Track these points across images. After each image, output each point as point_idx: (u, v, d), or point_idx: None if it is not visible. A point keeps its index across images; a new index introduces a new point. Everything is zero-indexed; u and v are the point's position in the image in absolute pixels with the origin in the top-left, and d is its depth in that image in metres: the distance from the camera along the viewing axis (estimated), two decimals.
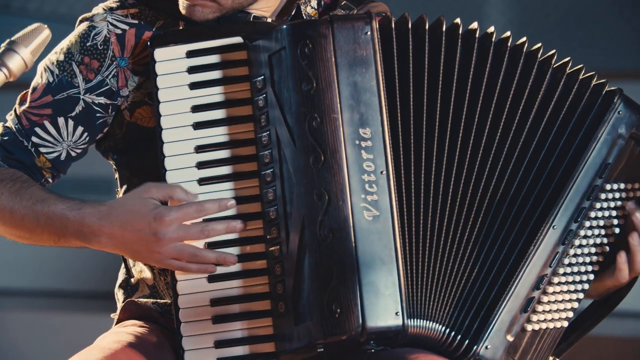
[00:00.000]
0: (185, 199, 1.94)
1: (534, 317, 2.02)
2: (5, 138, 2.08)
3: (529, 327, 2.02)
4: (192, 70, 2.03)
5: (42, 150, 2.08)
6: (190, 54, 2.03)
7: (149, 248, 1.92)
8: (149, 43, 2.03)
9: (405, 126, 1.97)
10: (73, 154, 2.10)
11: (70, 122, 2.07)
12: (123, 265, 2.20)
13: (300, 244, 1.90)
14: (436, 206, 1.98)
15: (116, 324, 2.17)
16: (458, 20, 2.03)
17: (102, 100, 2.07)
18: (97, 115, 2.08)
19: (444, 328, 1.98)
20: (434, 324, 1.96)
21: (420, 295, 1.95)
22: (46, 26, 1.88)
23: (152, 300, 2.12)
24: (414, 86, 1.98)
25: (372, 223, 1.88)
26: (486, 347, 1.98)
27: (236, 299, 1.99)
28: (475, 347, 1.97)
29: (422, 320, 1.95)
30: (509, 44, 2.04)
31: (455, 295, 1.98)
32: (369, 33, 1.93)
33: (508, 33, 2.06)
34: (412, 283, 1.94)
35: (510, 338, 2.00)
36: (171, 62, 2.03)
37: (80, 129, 2.08)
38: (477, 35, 2.03)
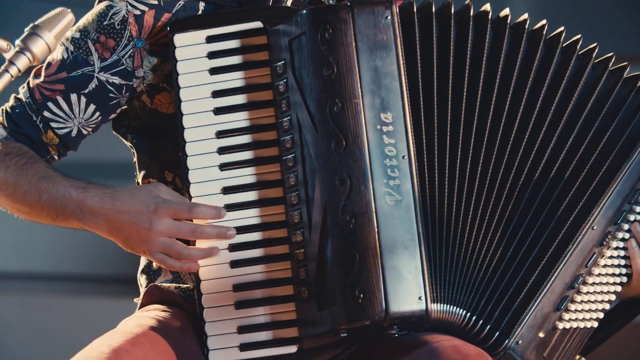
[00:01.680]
0: (186, 216, 1.94)
1: (566, 316, 2.01)
2: (16, 111, 2.08)
3: (560, 325, 2.01)
4: (212, 55, 2.02)
5: (53, 125, 2.07)
6: (210, 39, 2.02)
7: (140, 237, 1.93)
8: (168, 28, 2.02)
9: (428, 110, 1.96)
10: (84, 131, 2.10)
11: (83, 99, 2.07)
12: None
13: (323, 229, 1.90)
14: (462, 191, 1.98)
15: (139, 308, 2.17)
16: (487, 7, 2.02)
17: (116, 79, 2.06)
18: (110, 95, 2.07)
19: (467, 313, 1.97)
20: (458, 308, 1.96)
21: (443, 280, 1.95)
22: (70, 10, 1.87)
23: (174, 285, 2.11)
24: (438, 71, 1.98)
25: (394, 208, 1.87)
26: (517, 342, 1.97)
27: (259, 284, 1.98)
28: (507, 341, 1.97)
29: (445, 305, 1.94)
30: (544, 33, 2.04)
31: (480, 282, 1.98)
32: (389, 17, 1.91)
33: (544, 21, 2.05)
34: (435, 268, 1.93)
35: (541, 335, 1.99)
36: (191, 47, 2.02)
37: (92, 106, 2.08)
38: (508, 22, 2.02)
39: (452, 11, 2.00)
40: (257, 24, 2.02)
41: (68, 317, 4.99)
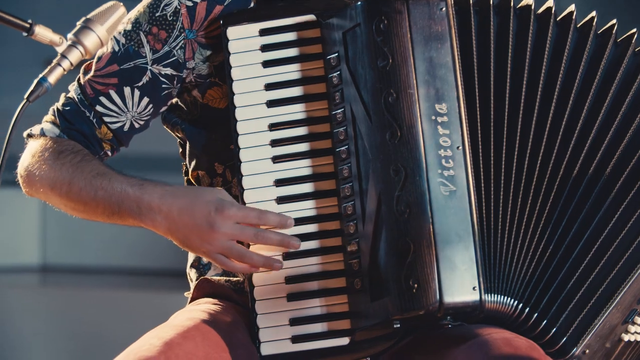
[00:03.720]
0: (254, 222, 1.93)
1: (632, 329, 2.00)
2: (67, 108, 2.07)
3: (625, 338, 2.00)
4: (265, 48, 2.03)
5: (106, 119, 2.07)
6: (264, 32, 2.03)
7: (202, 237, 1.92)
8: (221, 22, 2.03)
9: (484, 102, 1.96)
10: (136, 125, 2.09)
11: (137, 92, 2.06)
12: None
13: (377, 220, 1.90)
14: (519, 183, 1.97)
15: (190, 302, 2.17)
16: (551, 3, 2.02)
17: (168, 71, 2.06)
18: (163, 86, 2.07)
19: (520, 304, 1.96)
20: (511, 299, 1.95)
21: (497, 271, 1.94)
22: (121, 4, 1.89)
23: (225, 278, 2.12)
24: (496, 63, 1.98)
25: (448, 198, 1.87)
26: (584, 352, 1.96)
27: (311, 276, 1.98)
28: (575, 349, 1.96)
29: (499, 296, 1.94)
30: (614, 32, 2.04)
31: (532, 274, 1.97)
32: (443, 9, 1.92)
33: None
34: (488, 258, 1.93)
35: (607, 345, 1.98)
36: (244, 40, 2.03)
37: (145, 99, 2.07)
38: (574, 19, 2.02)
39: (512, 4, 2.00)
40: (311, 17, 2.02)
41: (119, 310, 5.00)
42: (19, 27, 1.80)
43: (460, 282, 1.85)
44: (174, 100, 2.12)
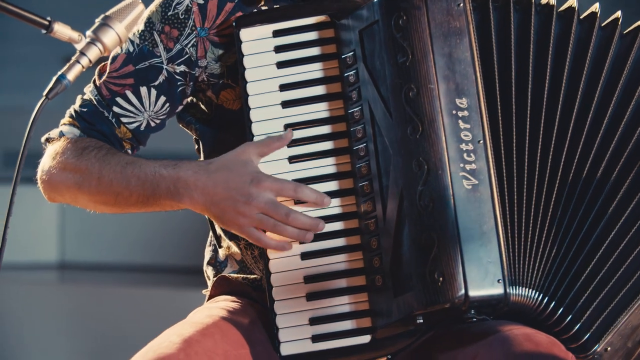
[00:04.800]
0: (290, 195, 1.90)
1: None
2: (85, 110, 2.03)
3: None
4: (279, 49, 1.99)
5: (124, 120, 2.03)
6: (277, 33, 1.99)
7: (237, 209, 1.87)
8: (234, 24, 1.99)
9: (505, 97, 1.92)
10: (152, 124, 2.05)
11: (153, 92, 2.02)
12: (209, 242, 2.15)
13: (399, 215, 1.85)
14: (543, 177, 1.92)
15: (208, 299, 2.13)
16: (574, 2, 1.98)
17: (182, 68, 2.03)
18: (178, 83, 2.04)
19: (545, 298, 1.91)
20: (535, 292, 1.90)
21: (521, 264, 1.90)
22: (140, 1, 1.84)
23: (242, 275, 2.08)
24: (516, 59, 1.94)
25: (471, 192, 1.83)
26: (606, 349, 1.92)
27: (330, 275, 1.94)
28: (597, 346, 1.92)
29: (523, 289, 1.89)
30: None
31: (558, 269, 1.92)
32: (461, 5, 1.88)
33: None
34: (512, 251, 1.89)
35: (629, 345, 1.93)
36: (257, 42, 1.98)
37: (162, 98, 2.03)
38: (597, 17, 1.98)
39: (533, 1, 1.96)
40: (324, 18, 1.98)
41: (138, 308, 4.97)
42: (38, 25, 1.77)
43: (484, 275, 1.81)
44: (189, 99, 2.08)
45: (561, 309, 1.91)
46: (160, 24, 2.01)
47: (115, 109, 2.02)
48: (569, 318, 1.91)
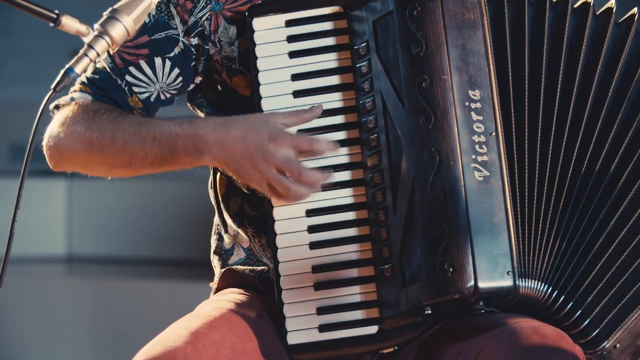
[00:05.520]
0: (307, 147, 1.87)
1: None
2: (97, 77, 2.00)
3: None
4: (291, 39, 1.96)
5: (135, 89, 1.99)
6: (290, 23, 1.97)
7: (254, 165, 1.83)
8: (247, 13, 1.97)
9: (518, 90, 1.90)
10: (163, 97, 2.01)
11: (168, 63, 1.99)
12: (214, 230, 2.12)
13: (410, 205, 1.83)
14: (554, 171, 1.90)
15: (215, 292, 2.11)
16: None
17: (196, 41, 2.00)
18: (192, 57, 2.01)
19: (554, 291, 1.88)
20: (544, 285, 1.88)
21: (531, 257, 1.87)
22: None
23: (249, 267, 2.05)
24: (530, 52, 1.92)
25: (482, 183, 1.81)
26: (614, 346, 1.90)
27: (339, 265, 1.91)
28: (606, 342, 1.90)
29: (532, 281, 1.87)
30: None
31: (568, 262, 1.89)
32: None
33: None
34: (522, 244, 1.86)
35: (638, 342, 1.91)
36: (270, 31, 1.96)
37: (176, 70, 2.00)
38: (613, 14, 1.95)
39: None
40: (337, 9, 1.96)
41: (145, 300, 4.95)
42: (45, 18, 1.74)
43: (494, 267, 1.78)
44: (200, 78, 2.05)
45: (570, 303, 1.89)
46: None
47: (128, 78, 1.98)
48: (578, 313, 1.89)
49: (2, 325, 5.05)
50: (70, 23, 1.74)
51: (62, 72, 1.74)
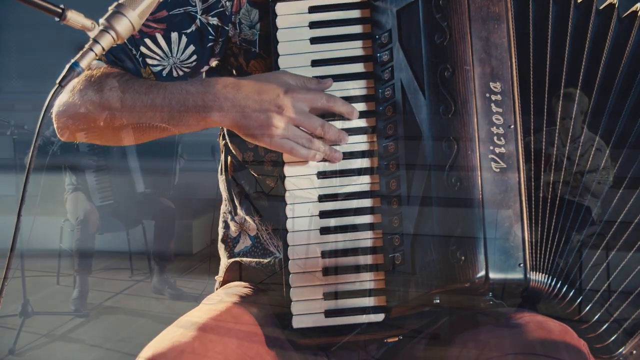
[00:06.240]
0: (322, 104, 1.84)
1: None
2: (114, 46, 1.94)
3: None
4: (313, 25, 1.95)
5: (149, 61, 1.97)
6: (313, 10, 1.95)
7: (269, 121, 1.79)
8: None
9: (538, 86, 1.88)
10: (175, 73, 1.99)
11: (184, 39, 1.97)
12: (221, 218, 2.10)
13: (425, 193, 1.81)
14: (571, 167, 1.89)
15: (221, 285, 2.10)
16: None
17: (215, 21, 1.98)
18: (209, 37, 1.99)
19: (565, 286, 1.87)
20: (553, 279, 1.86)
21: (543, 250, 1.85)
22: None
23: (255, 260, 2.04)
24: (553, 48, 1.90)
25: (499, 174, 1.79)
26: (631, 353, 1.89)
27: (348, 252, 1.90)
28: (622, 349, 1.88)
29: (542, 275, 1.85)
30: None
31: (587, 263, 1.88)
32: None
33: None
34: (535, 237, 1.84)
35: None
36: (292, 16, 1.95)
37: (191, 47, 1.98)
38: (638, 16, 1.94)
39: None
40: None
41: (152, 294, 4.94)
42: (51, 12, 1.72)
43: (506, 259, 1.77)
44: (216, 62, 2.03)
45: (580, 297, 1.87)
46: None
47: (143, 49, 1.97)
48: (596, 316, 1.87)
49: None
50: (75, 18, 1.72)
51: (67, 66, 1.72)
